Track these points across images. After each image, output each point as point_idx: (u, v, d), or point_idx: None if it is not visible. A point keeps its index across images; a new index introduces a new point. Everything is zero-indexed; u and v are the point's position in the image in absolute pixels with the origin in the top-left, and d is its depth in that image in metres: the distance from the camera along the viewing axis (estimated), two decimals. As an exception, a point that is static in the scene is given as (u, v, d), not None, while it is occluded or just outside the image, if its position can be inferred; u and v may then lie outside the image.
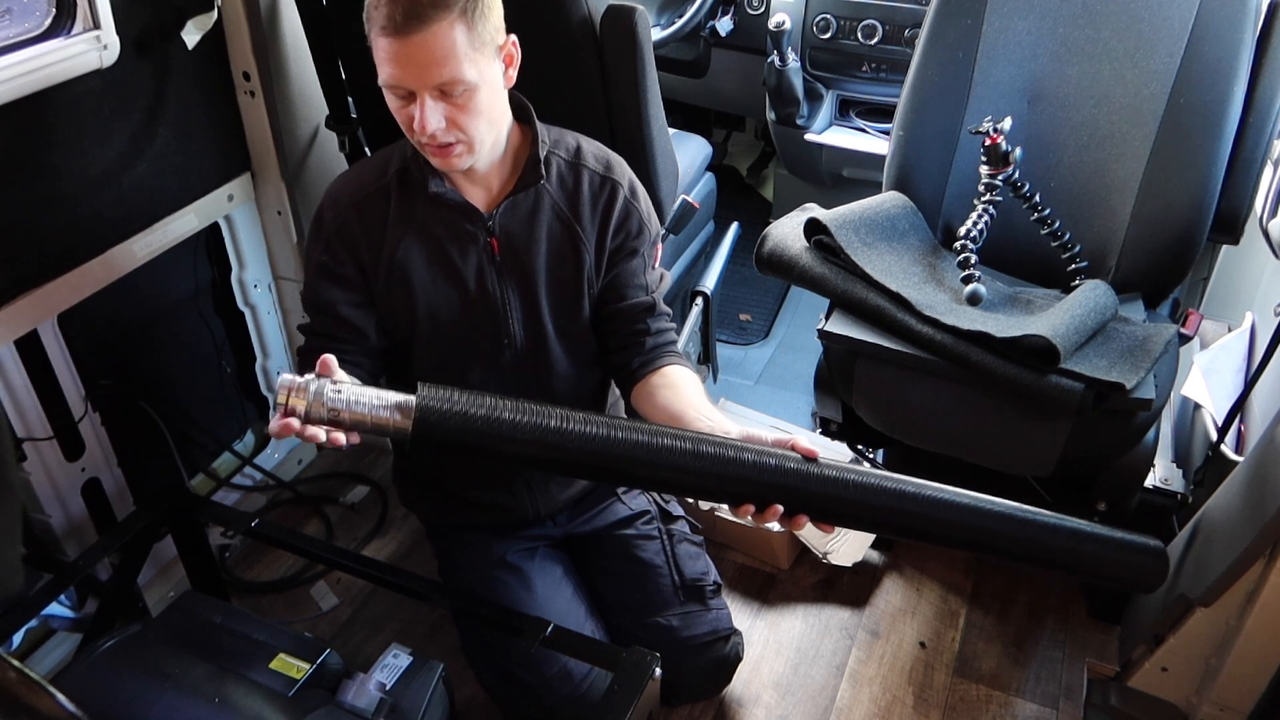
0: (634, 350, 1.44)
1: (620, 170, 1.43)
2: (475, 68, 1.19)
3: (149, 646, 1.32)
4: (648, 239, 1.45)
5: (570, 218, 1.39)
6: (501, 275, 1.38)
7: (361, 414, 1.07)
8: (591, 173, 1.40)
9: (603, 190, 1.40)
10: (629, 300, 1.44)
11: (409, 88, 1.18)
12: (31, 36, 1.46)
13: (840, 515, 1.12)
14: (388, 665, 1.40)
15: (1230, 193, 1.56)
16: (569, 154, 1.40)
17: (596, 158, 1.42)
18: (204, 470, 2.03)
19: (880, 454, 1.99)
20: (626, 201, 1.41)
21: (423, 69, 1.16)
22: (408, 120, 1.21)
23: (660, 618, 1.56)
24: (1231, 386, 1.64)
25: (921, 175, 1.72)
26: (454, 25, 1.15)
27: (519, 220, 1.37)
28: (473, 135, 1.24)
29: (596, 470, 1.08)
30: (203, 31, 1.68)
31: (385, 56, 1.17)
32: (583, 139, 1.44)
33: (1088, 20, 1.63)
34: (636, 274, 1.44)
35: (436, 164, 1.28)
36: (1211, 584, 1.35)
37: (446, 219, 1.35)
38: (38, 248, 1.54)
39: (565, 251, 1.40)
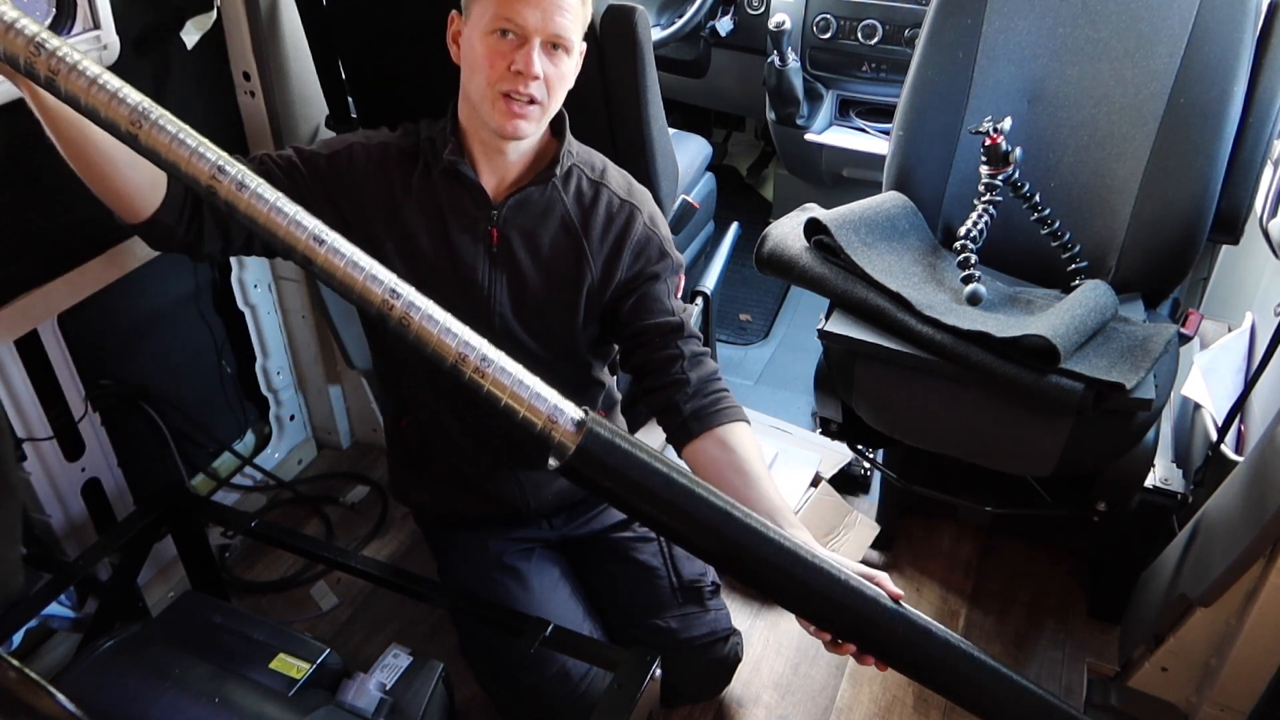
0: (677, 389, 1.35)
1: (642, 198, 1.42)
2: (579, 36, 1.26)
3: (149, 646, 1.32)
4: (669, 266, 1.42)
5: (579, 231, 1.37)
6: (494, 266, 1.37)
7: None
8: (612, 195, 1.39)
9: (620, 213, 1.39)
10: (653, 320, 1.39)
11: (526, 30, 1.20)
12: (31, 36, 1.46)
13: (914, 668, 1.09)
14: (388, 665, 1.40)
15: (1230, 193, 1.56)
16: (593, 172, 1.40)
17: (619, 183, 1.41)
18: (204, 470, 2.03)
19: (880, 454, 1.99)
20: (646, 228, 1.40)
21: (548, 13, 1.20)
22: (503, 65, 1.22)
23: (659, 619, 1.56)
24: (1231, 386, 1.64)
25: (921, 175, 1.72)
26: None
27: (525, 218, 1.36)
28: (552, 100, 1.27)
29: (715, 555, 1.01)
30: (202, 31, 1.68)
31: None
32: (610, 163, 1.43)
33: (1088, 20, 1.63)
34: (660, 298, 1.40)
35: (501, 125, 1.26)
36: (1211, 584, 1.35)
37: (455, 196, 1.35)
38: (38, 248, 1.54)
39: (566, 262, 1.38)
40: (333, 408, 2.24)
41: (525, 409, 0.91)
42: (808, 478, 2.05)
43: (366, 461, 2.27)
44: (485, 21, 1.22)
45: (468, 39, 1.26)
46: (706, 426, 1.33)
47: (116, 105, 0.86)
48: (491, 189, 1.35)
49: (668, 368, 1.37)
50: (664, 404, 1.36)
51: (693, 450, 1.33)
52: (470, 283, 1.37)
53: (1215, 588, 1.35)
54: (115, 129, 0.86)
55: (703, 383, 1.36)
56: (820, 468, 2.07)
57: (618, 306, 1.41)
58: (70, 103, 0.87)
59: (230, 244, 1.30)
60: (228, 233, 1.29)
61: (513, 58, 1.21)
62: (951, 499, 1.75)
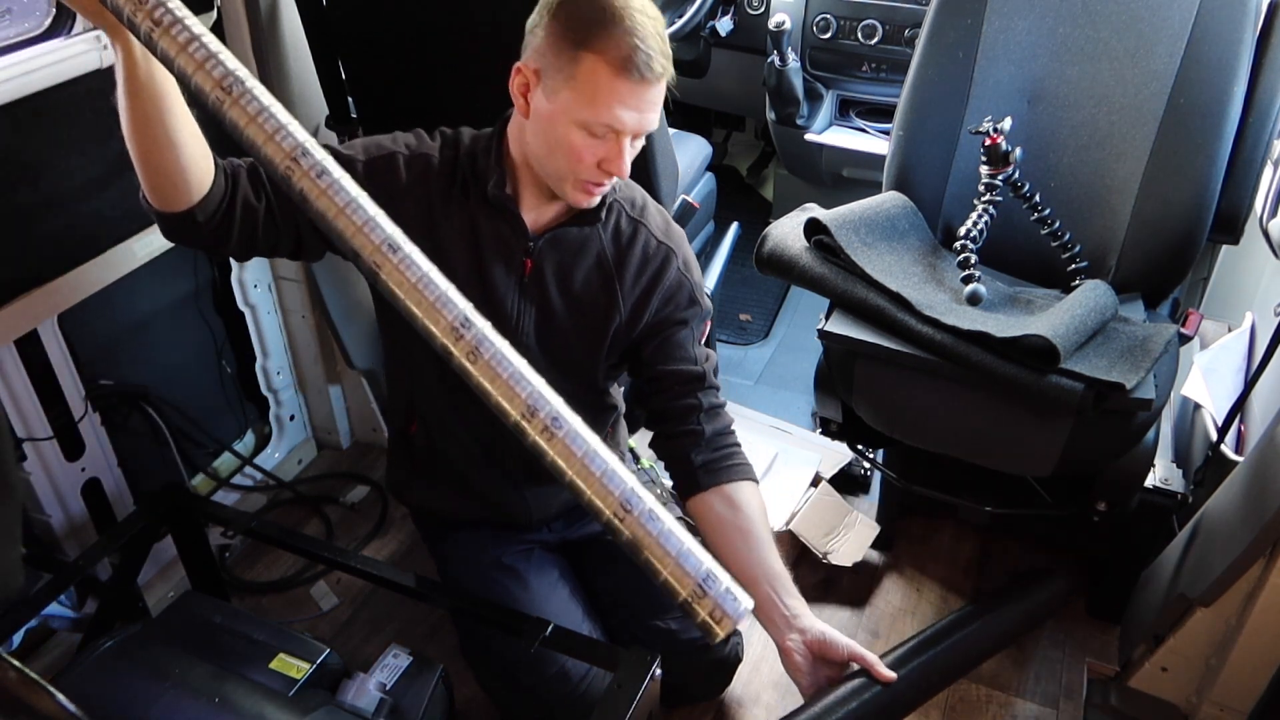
0: (691, 440, 1.37)
1: (679, 241, 1.40)
2: None
3: (149, 646, 1.32)
4: (698, 314, 1.41)
5: (613, 271, 1.35)
6: (525, 296, 1.35)
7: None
8: (650, 235, 1.37)
9: (656, 255, 1.37)
10: (676, 366, 1.39)
11: (628, 131, 1.18)
12: (31, 36, 1.46)
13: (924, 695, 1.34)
14: (388, 665, 1.40)
15: (1230, 193, 1.56)
16: (633, 209, 1.37)
17: (658, 222, 1.39)
18: (204, 470, 2.03)
19: (880, 454, 1.99)
20: (679, 273, 1.38)
21: (646, 116, 1.18)
22: (592, 160, 1.19)
23: (660, 620, 1.56)
24: (1231, 386, 1.64)
25: (921, 175, 1.72)
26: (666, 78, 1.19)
27: (561, 252, 1.34)
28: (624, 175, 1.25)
29: None
30: (202, 31, 1.68)
31: (618, 99, 1.15)
32: (650, 199, 1.41)
33: (1088, 20, 1.63)
34: (684, 345, 1.40)
35: (577, 200, 1.25)
36: (1211, 584, 1.35)
37: (494, 223, 1.32)
38: (38, 248, 1.54)
39: (597, 299, 1.36)
40: (333, 408, 2.24)
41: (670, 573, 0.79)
42: (808, 478, 2.04)
43: (366, 461, 2.27)
44: (579, 115, 1.16)
45: (550, 115, 1.19)
46: (715, 481, 1.35)
47: (210, 69, 0.80)
48: (531, 221, 1.32)
49: (684, 417, 1.38)
50: (676, 453, 1.38)
51: (699, 503, 1.35)
52: (499, 310, 1.34)
53: (1215, 588, 1.35)
54: (203, 95, 0.80)
55: (716, 436, 1.38)
56: (820, 468, 2.07)
57: (642, 346, 1.40)
58: (164, 61, 0.81)
59: (253, 250, 1.26)
60: (253, 238, 1.24)
61: (602, 154, 1.19)
62: (951, 499, 1.75)
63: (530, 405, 0.78)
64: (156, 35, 0.79)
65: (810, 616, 1.22)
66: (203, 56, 0.80)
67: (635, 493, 0.79)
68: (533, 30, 1.20)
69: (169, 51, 0.80)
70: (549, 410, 0.78)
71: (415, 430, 1.54)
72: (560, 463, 0.79)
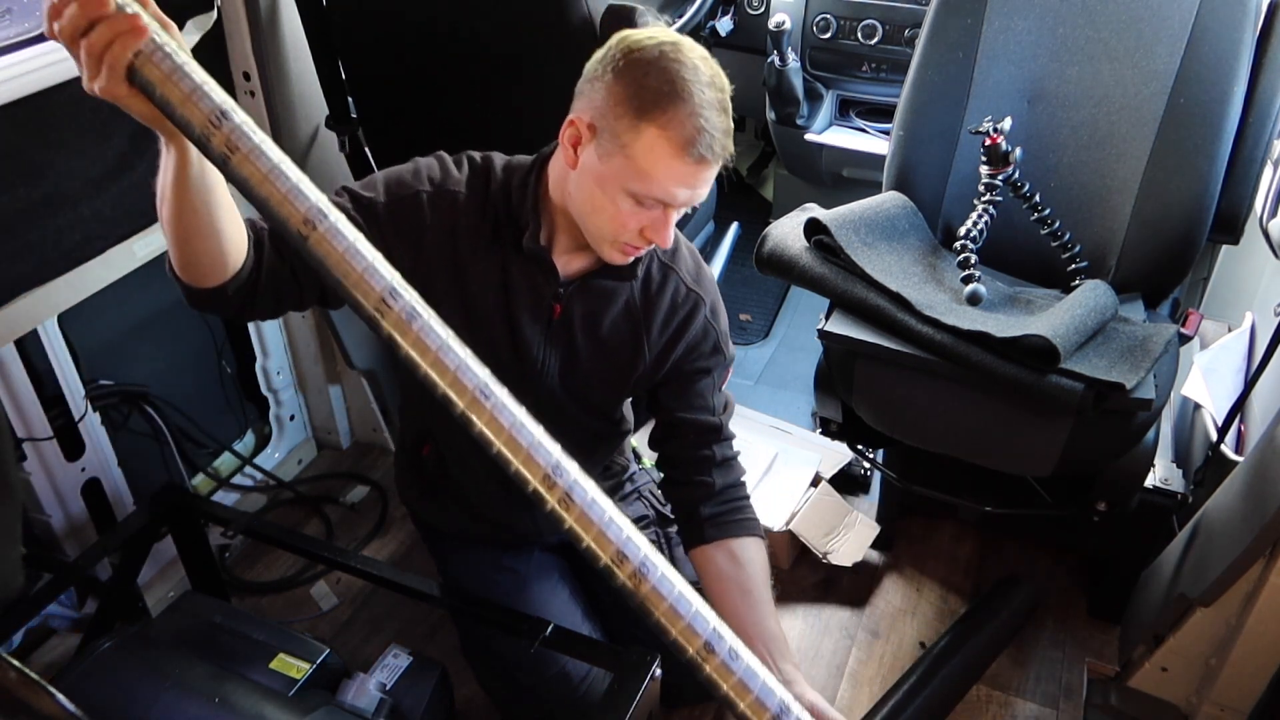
0: (701, 492, 1.37)
1: (708, 286, 1.37)
2: None
3: (149, 646, 1.32)
4: (721, 363, 1.40)
5: (641, 318, 1.32)
6: (551, 339, 1.31)
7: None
8: (680, 282, 1.33)
9: (685, 304, 1.34)
10: (693, 415, 1.37)
11: (674, 203, 1.14)
12: (32, 36, 1.46)
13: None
14: (388, 665, 1.40)
15: (1230, 193, 1.56)
16: (665, 253, 1.33)
17: (689, 267, 1.35)
18: (204, 470, 2.03)
19: (880, 454, 1.99)
20: (706, 321, 1.36)
21: (698, 192, 1.15)
22: (637, 224, 1.15)
23: None
24: (1231, 386, 1.64)
25: (921, 175, 1.72)
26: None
27: (590, 298, 1.30)
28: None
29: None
30: (202, 31, 1.68)
31: (674, 178, 1.11)
32: (683, 239, 1.37)
33: (1088, 20, 1.63)
34: (704, 394, 1.38)
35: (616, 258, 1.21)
36: (1211, 584, 1.35)
37: (525, 267, 1.26)
38: (38, 248, 1.54)
39: (623, 345, 1.34)
40: (333, 408, 2.24)
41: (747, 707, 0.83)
42: (808, 478, 2.04)
43: (366, 461, 2.27)
44: (631, 186, 1.12)
45: (600, 177, 1.14)
46: (721, 535, 1.35)
47: (293, 201, 0.76)
48: (563, 265, 1.28)
49: (697, 468, 1.37)
50: (685, 502, 1.38)
51: (702, 554, 1.36)
52: (524, 352, 1.31)
53: (1215, 588, 1.35)
54: (284, 227, 0.77)
55: (727, 489, 1.38)
56: (820, 468, 2.07)
57: (661, 389, 1.39)
58: (239, 185, 0.77)
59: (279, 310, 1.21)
60: (280, 301, 1.18)
61: (646, 222, 1.15)
62: (951, 499, 1.75)
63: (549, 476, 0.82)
64: (234, 161, 0.76)
65: (803, 684, 1.21)
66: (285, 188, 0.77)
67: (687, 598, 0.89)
68: (591, 82, 1.14)
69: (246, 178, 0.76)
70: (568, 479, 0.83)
71: (428, 452, 1.52)
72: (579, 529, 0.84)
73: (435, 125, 1.79)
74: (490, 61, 1.65)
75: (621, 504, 1.66)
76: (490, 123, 1.72)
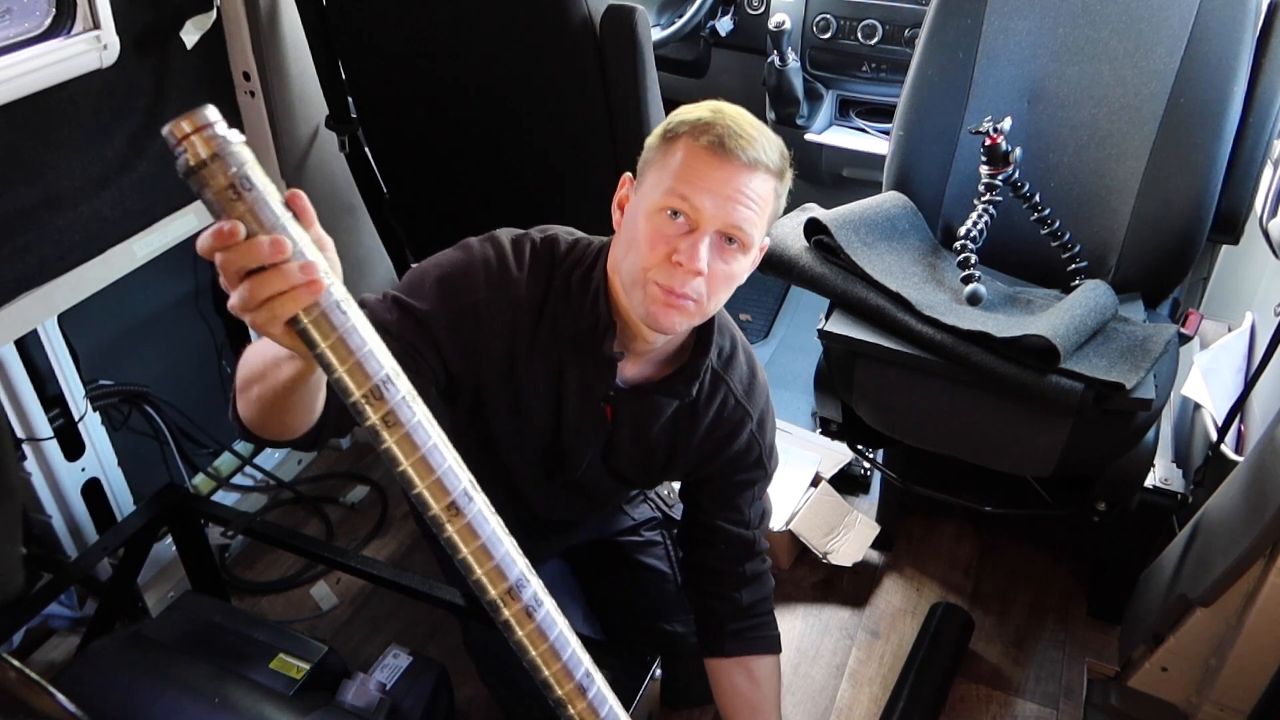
0: (727, 607, 1.37)
1: (757, 399, 1.31)
2: (760, 234, 1.10)
3: (149, 646, 1.32)
4: (763, 477, 1.35)
5: (686, 429, 1.27)
6: (596, 431, 1.27)
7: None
8: (729, 393, 1.27)
9: (731, 417, 1.28)
10: (728, 525, 1.35)
11: (699, 217, 1.04)
12: (31, 36, 1.46)
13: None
14: (388, 665, 1.40)
15: (1230, 193, 1.56)
16: (720, 361, 1.26)
17: (743, 376, 1.29)
18: (204, 470, 2.03)
19: (880, 454, 1.99)
20: (751, 435, 1.30)
21: (728, 202, 1.04)
22: (664, 250, 1.05)
23: (666, 623, 1.56)
24: (1231, 386, 1.64)
25: (921, 175, 1.72)
26: (770, 180, 1.07)
27: (640, 407, 1.25)
28: (713, 300, 1.10)
29: None
30: (202, 31, 1.68)
31: (692, 173, 1.04)
32: (740, 338, 1.31)
33: (1088, 20, 1.63)
34: (741, 507, 1.35)
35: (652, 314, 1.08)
36: (1211, 584, 1.35)
37: (582, 365, 1.19)
38: (38, 248, 1.54)
39: (663, 448, 1.30)
40: (333, 408, 2.24)
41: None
42: (808, 478, 2.04)
43: (366, 461, 2.27)
44: (656, 196, 1.05)
45: (633, 208, 1.10)
46: (740, 651, 1.36)
47: (444, 483, 0.72)
48: (620, 371, 1.21)
49: (725, 582, 1.37)
50: (708, 613, 1.39)
51: (719, 666, 1.38)
52: (569, 447, 1.28)
53: (1215, 588, 1.35)
54: (425, 505, 0.73)
55: (753, 605, 1.38)
56: (820, 468, 2.07)
57: (700, 490, 1.36)
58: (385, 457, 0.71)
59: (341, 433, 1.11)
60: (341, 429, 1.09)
61: (677, 245, 1.04)
62: (951, 499, 1.75)
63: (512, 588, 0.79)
64: (385, 434, 0.69)
65: None
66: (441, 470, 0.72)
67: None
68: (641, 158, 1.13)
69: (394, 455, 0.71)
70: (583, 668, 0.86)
71: None
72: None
73: (435, 124, 1.79)
74: (490, 61, 1.65)
75: (629, 506, 1.66)
76: (490, 123, 1.73)
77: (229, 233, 0.64)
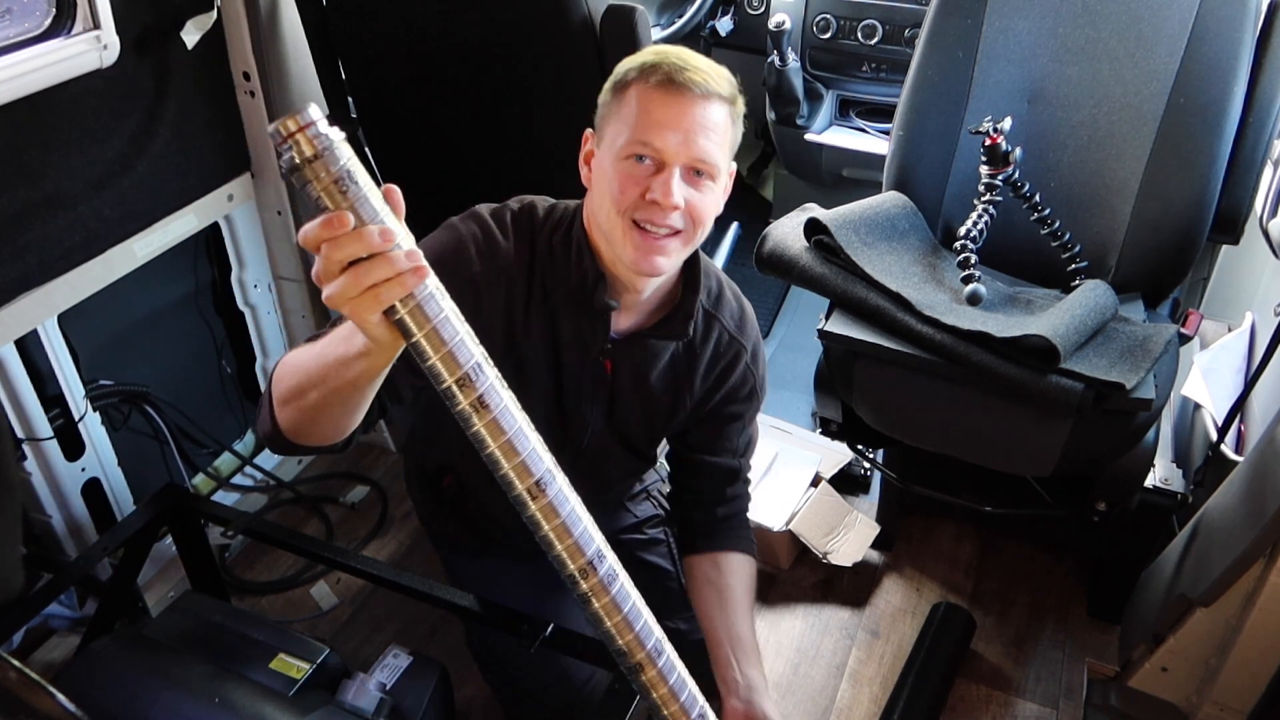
0: (706, 514, 1.42)
1: (749, 330, 1.35)
2: (725, 162, 1.13)
3: (149, 646, 1.32)
4: (754, 406, 1.39)
5: (685, 370, 1.30)
6: (598, 390, 1.29)
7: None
8: (723, 330, 1.31)
9: (727, 352, 1.32)
10: (717, 458, 1.40)
11: (664, 156, 1.07)
12: (31, 36, 1.46)
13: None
14: (388, 665, 1.40)
15: (1230, 193, 1.56)
16: (710, 300, 1.30)
17: (733, 311, 1.33)
18: (204, 470, 2.03)
19: (880, 454, 1.99)
20: (746, 367, 1.35)
21: (689, 137, 1.07)
22: (637, 188, 1.08)
23: (667, 621, 1.55)
24: (1231, 386, 1.64)
25: (921, 175, 1.72)
26: (725, 109, 1.10)
27: (639, 355, 1.28)
28: (696, 229, 1.13)
29: None
30: (202, 31, 1.68)
31: (648, 116, 1.07)
32: (724, 279, 1.34)
33: (1088, 20, 1.63)
34: (731, 436, 1.39)
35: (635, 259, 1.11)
36: (1211, 584, 1.35)
37: (577, 322, 1.22)
38: (38, 248, 1.54)
39: (666, 395, 1.32)
40: (333, 408, 2.24)
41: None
42: (808, 478, 2.04)
43: (366, 461, 2.27)
44: (620, 145, 1.09)
45: (601, 162, 1.13)
46: (711, 547, 1.41)
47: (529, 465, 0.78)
48: (614, 323, 1.24)
49: (706, 501, 1.43)
50: (686, 520, 1.46)
51: (690, 561, 1.43)
52: (571, 404, 1.30)
53: (1215, 588, 1.35)
54: (510, 485, 0.78)
55: (729, 517, 1.43)
56: (820, 468, 2.07)
57: (691, 430, 1.40)
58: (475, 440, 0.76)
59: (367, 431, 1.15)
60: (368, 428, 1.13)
61: (648, 184, 1.08)
62: (951, 499, 1.75)
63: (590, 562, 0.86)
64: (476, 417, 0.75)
65: (764, 694, 1.21)
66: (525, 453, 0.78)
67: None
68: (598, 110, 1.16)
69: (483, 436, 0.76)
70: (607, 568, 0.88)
71: (449, 483, 1.51)
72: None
73: (435, 125, 1.79)
74: (490, 62, 1.65)
75: (631, 503, 1.66)
76: (490, 123, 1.73)
77: (339, 221, 0.67)
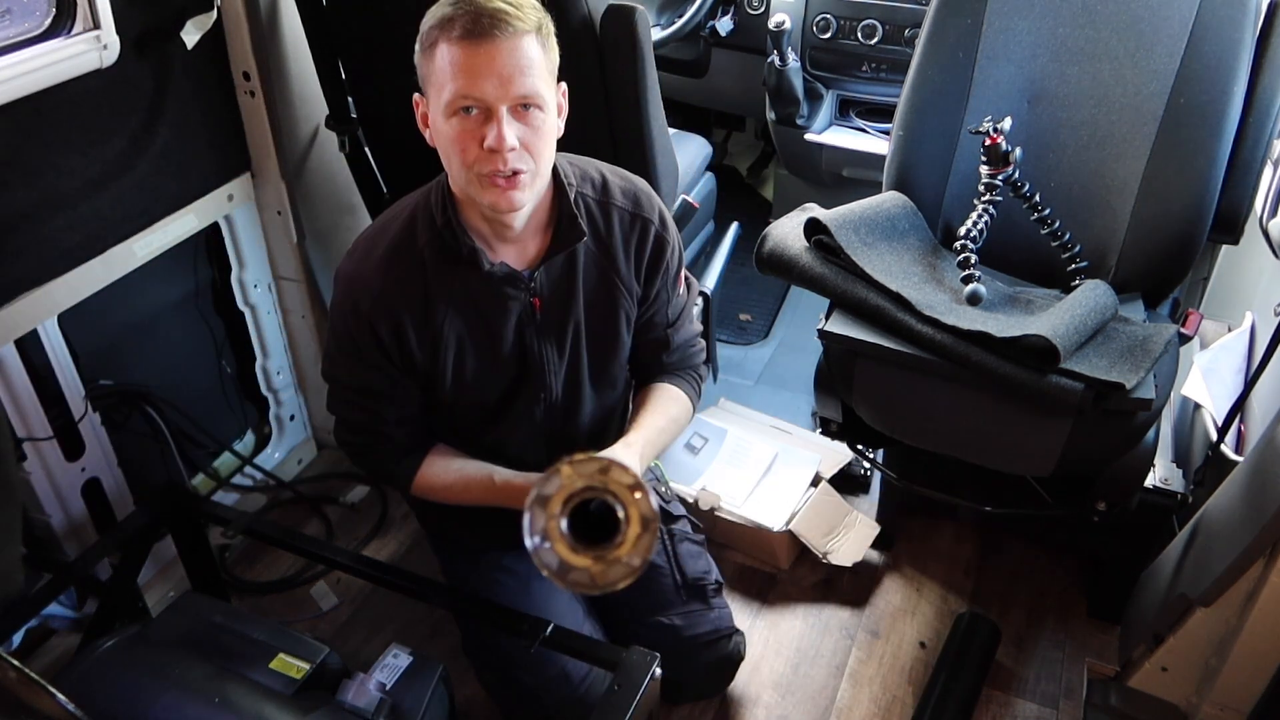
0: (651, 369, 1.51)
1: (649, 203, 1.37)
2: (549, 88, 1.17)
3: (149, 646, 1.32)
4: (673, 256, 1.42)
5: (607, 266, 1.34)
6: (543, 333, 1.33)
7: None
8: (621, 211, 1.34)
9: (634, 230, 1.35)
10: (652, 335, 1.46)
11: (487, 101, 1.12)
12: (31, 36, 1.46)
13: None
14: (388, 665, 1.40)
15: (1230, 193, 1.56)
16: (596, 191, 1.33)
17: (624, 192, 1.35)
18: (204, 470, 2.03)
19: (880, 454, 1.99)
20: (659, 236, 1.37)
21: (505, 79, 1.11)
22: (475, 143, 1.14)
23: (663, 617, 1.56)
24: (1231, 386, 1.64)
25: (921, 175, 1.72)
26: (533, 40, 1.13)
27: (558, 275, 1.31)
28: (539, 162, 1.18)
29: None
30: (202, 31, 1.68)
31: (460, 68, 1.11)
32: (604, 167, 1.38)
33: (1088, 20, 1.63)
34: (661, 306, 1.43)
35: (494, 202, 1.18)
36: (1211, 584, 1.35)
37: (484, 282, 1.27)
38: (38, 248, 1.54)
39: (604, 301, 1.36)
40: (333, 408, 2.24)
41: None
42: (808, 478, 2.04)
43: (366, 461, 2.27)
44: (445, 101, 1.14)
45: (435, 123, 1.18)
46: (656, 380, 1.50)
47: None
48: (520, 262, 1.29)
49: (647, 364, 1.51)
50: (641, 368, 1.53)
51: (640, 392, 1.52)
52: (524, 359, 1.33)
53: (1215, 588, 1.35)
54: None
55: (671, 362, 1.50)
56: (820, 468, 2.07)
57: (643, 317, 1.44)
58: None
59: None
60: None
61: (482, 133, 1.13)
62: (951, 499, 1.75)
63: None
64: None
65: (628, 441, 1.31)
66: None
67: None
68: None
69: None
70: None
71: None
72: None
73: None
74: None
75: None
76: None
77: None
